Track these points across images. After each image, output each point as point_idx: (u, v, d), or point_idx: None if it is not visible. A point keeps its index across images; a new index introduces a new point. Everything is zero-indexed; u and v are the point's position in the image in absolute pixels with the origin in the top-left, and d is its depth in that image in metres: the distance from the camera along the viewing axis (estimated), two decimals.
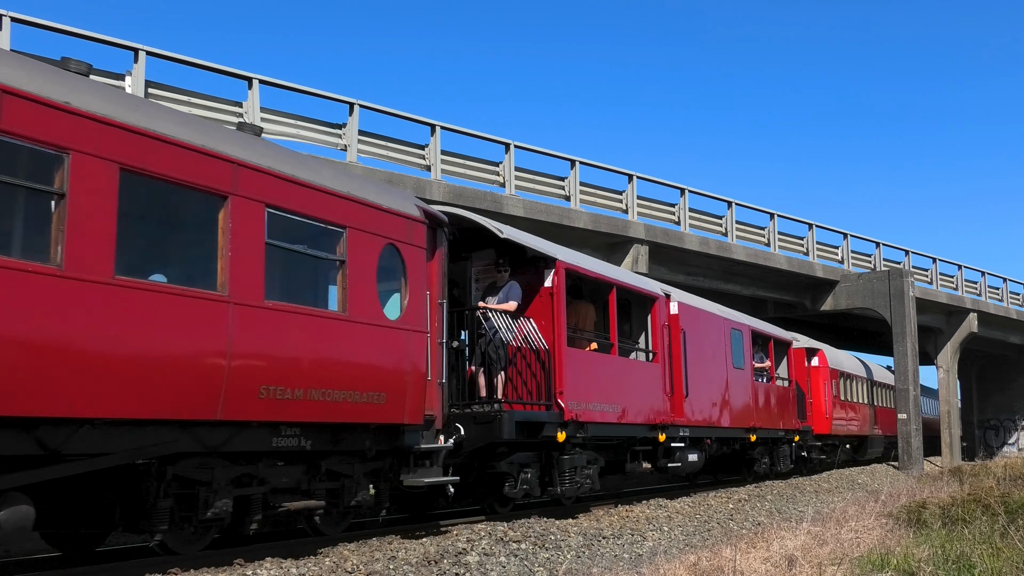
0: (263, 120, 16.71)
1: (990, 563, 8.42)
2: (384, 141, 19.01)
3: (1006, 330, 44.18)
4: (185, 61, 16.10)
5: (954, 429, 39.13)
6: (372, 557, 9.25)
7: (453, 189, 19.46)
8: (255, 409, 8.28)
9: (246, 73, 16.70)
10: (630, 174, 24.36)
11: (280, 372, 8.49)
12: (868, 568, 8.55)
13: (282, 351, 8.58)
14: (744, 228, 28.57)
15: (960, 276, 39.32)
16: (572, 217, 22.23)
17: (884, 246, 35.65)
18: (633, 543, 12.01)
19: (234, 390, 8.02)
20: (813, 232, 31.72)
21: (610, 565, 9.95)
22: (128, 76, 15.05)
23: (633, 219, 24.00)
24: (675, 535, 13.04)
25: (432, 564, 9.17)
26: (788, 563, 8.70)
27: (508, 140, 21.23)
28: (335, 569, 8.63)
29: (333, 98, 18.08)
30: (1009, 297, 43.58)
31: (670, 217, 25.79)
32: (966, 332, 38.96)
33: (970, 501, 13.42)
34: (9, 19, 13.77)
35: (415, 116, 19.58)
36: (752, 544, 10.02)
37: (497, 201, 20.35)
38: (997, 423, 51.72)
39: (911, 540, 10.51)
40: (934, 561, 8.77)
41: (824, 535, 10.43)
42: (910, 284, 32.11)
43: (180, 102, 15.54)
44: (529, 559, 10.12)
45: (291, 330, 8.68)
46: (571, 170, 22.65)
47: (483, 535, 10.92)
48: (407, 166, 19.23)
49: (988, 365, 51.08)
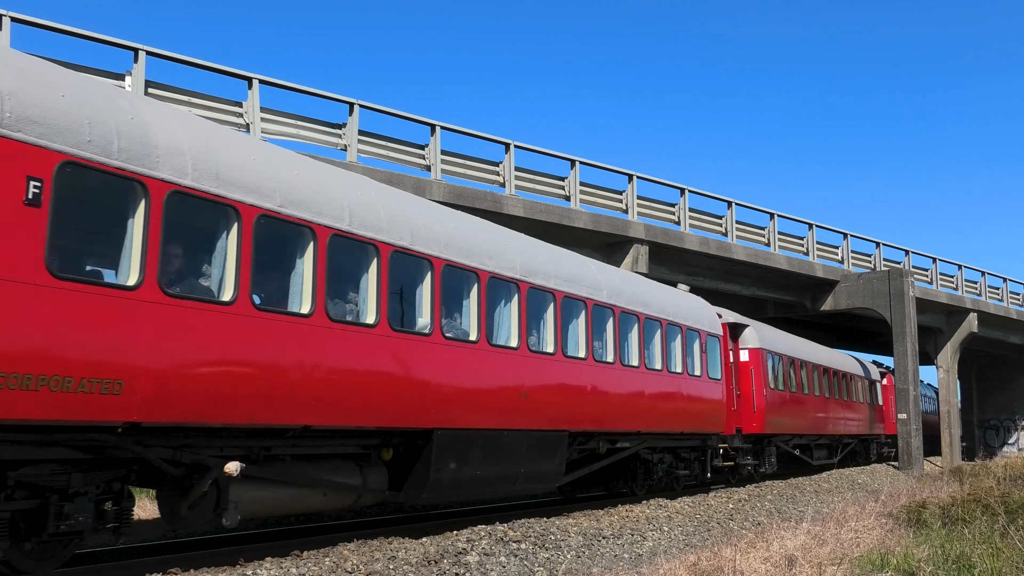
0: (263, 120, 16.72)
1: (990, 563, 8.43)
2: (384, 141, 19.02)
3: (1006, 330, 44.17)
4: (185, 61, 16.10)
5: (954, 429, 39.12)
6: (372, 557, 9.24)
7: (453, 189, 19.46)
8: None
9: (246, 73, 16.71)
10: (630, 174, 24.37)
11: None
12: (868, 568, 8.55)
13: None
14: (744, 228, 28.56)
15: (960, 276, 39.31)
16: (572, 217, 22.23)
17: (884, 246, 35.65)
18: (633, 543, 12.01)
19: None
20: (813, 232, 31.72)
21: (610, 565, 9.96)
22: (128, 76, 15.05)
23: (633, 219, 24.00)
24: (675, 535, 13.04)
25: (432, 564, 9.16)
26: (788, 563, 8.70)
27: (508, 140, 21.23)
28: (335, 569, 8.63)
29: (333, 98, 18.08)
30: (1009, 297, 43.57)
31: (670, 217, 25.79)
32: (966, 332, 38.96)
33: (970, 501, 13.42)
34: (9, 19, 13.77)
35: (415, 116, 19.60)
36: (752, 544, 10.02)
37: (497, 201, 20.35)
38: (997, 423, 51.70)
39: (911, 540, 10.50)
40: (934, 561, 8.78)
41: (824, 535, 10.43)
42: (910, 284, 32.11)
43: (180, 102, 15.55)
44: (529, 559, 10.12)
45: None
46: (571, 170, 22.66)
47: (483, 535, 10.92)
48: (407, 166, 19.24)
49: (988, 365, 51.06)
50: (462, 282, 11.61)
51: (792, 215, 30.87)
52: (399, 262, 10.34)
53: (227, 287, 8.23)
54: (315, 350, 8.99)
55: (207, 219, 8.32)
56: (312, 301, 9.04)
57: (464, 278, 11.62)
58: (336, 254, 9.42)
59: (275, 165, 9.10)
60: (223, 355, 8.08)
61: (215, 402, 7.97)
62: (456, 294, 11.54)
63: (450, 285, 11.24)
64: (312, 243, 9.15)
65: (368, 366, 9.72)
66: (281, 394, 8.60)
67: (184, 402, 7.68)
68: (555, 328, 13.33)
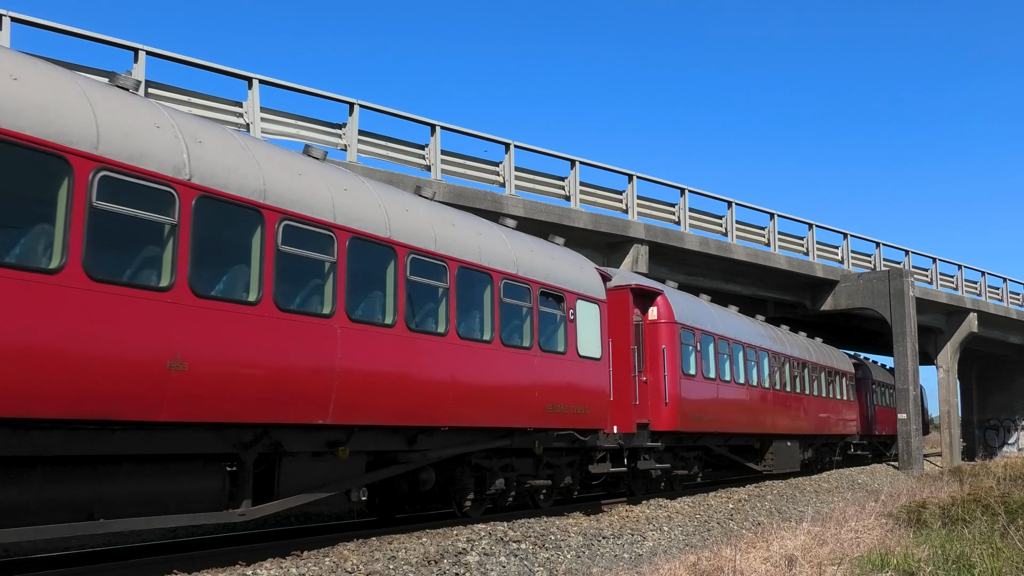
0: (263, 120, 16.71)
1: (990, 563, 8.43)
2: (384, 141, 19.01)
3: (1006, 330, 44.16)
4: (185, 61, 16.10)
5: (954, 429, 39.13)
6: (372, 557, 9.24)
7: (453, 189, 19.45)
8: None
9: (246, 73, 16.71)
10: (630, 174, 24.36)
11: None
12: (868, 568, 8.55)
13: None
14: (744, 228, 28.56)
15: (960, 276, 39.31)
16: (572, 217, 22.22)
17: (884, 246, 35.66)
18: (633, 543, 12.01)
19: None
20: (813, 232, 31.72)
21: (610, 565, 9.96)
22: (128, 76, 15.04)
23: (633, 219, 24.00)
24: (675, 535, 13.05)
25: (432, 564, 9.17)
26: (788, 563, 8.70)
27: (508, 140, 21.22)
28: (335, 569, 8.63)
29: (333, 98, 18.08)
30: (1009, 297, 43.57)
31: (670, 217, 25.78)
32: (966, 332, 38.95)
33: (970, 501, 13.42)
34: (9, 19, 13.77)
35: (415, 116, 19.60)
36: (752, 544, 10.02)
37: (497, 201, 20.34)
38: (997, 423, 51.69)
39: (911, 540, 10.50)
40: (934, 561, 8.78)
41: (824, 535, 10.43)
42: (910, 284, 32.11)
43: (180, 102, 15.54)
44: (529, 559, 10.12)
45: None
46: (571, 170, 22.65)
47: (483, 535, 10.91)
48: (407, 166, 19.24)
49: (988, 365, 51.05)
50: None
51: (792, 215, 30.91)
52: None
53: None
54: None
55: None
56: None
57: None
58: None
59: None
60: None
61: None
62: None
63: None
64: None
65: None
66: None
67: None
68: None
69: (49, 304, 6.90)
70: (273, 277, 8.83)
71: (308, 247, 9.38)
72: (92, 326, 7.16)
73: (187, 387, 7.82)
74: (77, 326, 7.05)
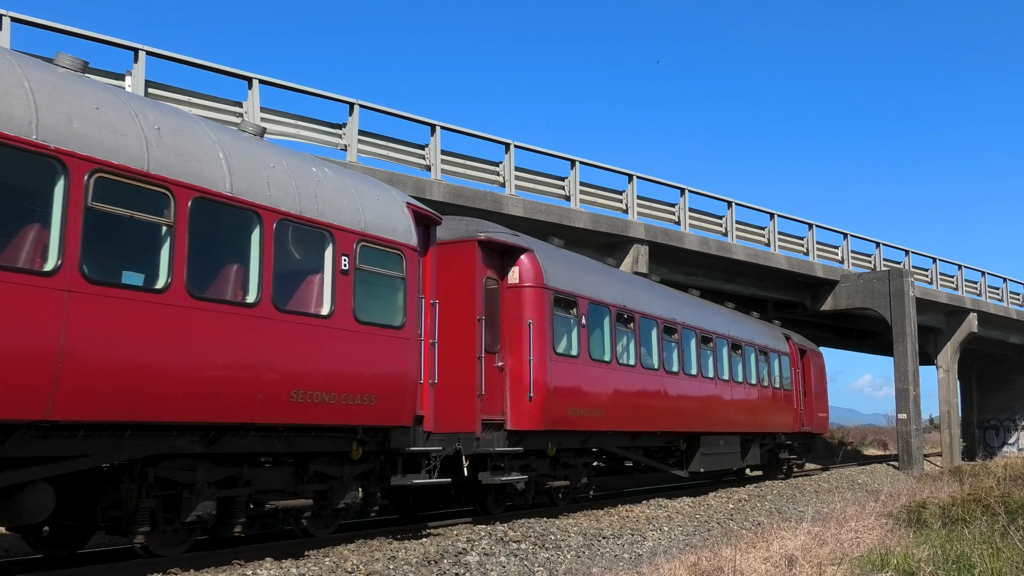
0: (263, 120, 16.70)
1: (990, 563, 8.42)
2: (384, 141, 19.01)
3: (1006, 330, 44.16)
4: (185, 61, 16.10)
5: (954, 429, 39.12)
6: (372, 557, 9.25)
7: (453, 189, 19.45)
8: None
9: (246, 73, 16.71)
10: (630, 174, 24.37)
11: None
12: (868, 568, 8.55)
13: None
14: (744, 228, 28.56)
15: (960, 276, 39.31)
16: (572, 217, 22.22)
17: (884, 246, 35.66)
18: (633, 543, 12.01)
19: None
20: (813, 232, 31.73)
21: (610, 565, 9.95)
22: (128, 76, 15.05)
23: (633, 219, 24.00)
24: (675, 535, 13.04)
25: (432, 564, 9.17)
26: (788, 563, 8.70)
27: (508, 140, 21.24)
28: (335, 569, 8.64)
29: (333, 98, 18.08)
30: (1009, 297, 43.56)
31: (670, 217, 25.79)
32: (966, 332, 38.95)
33: (970, 501, 13.42)
34: (9, 19, 13.78)
35: (415, 116, 19.61)
36: (752, 544, 10.02)
37: (497, 201, 20.34)
38: (997, 423, 51.69)
39: (911, 540, 10.50)
40: (934, 561, 8.77)
41: (824, 535, 10.43)
42: (910, 284, 32.12)
43: (180, 102, 15.53)
44: (529, 559, 10.12)
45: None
46: (571, 170, 22.65)
47: (483, 535, 10.92)
48: (407, 166, 19.23)
49: (988, 365, 51.04)
50: None
51: (792, 215, 30.95)
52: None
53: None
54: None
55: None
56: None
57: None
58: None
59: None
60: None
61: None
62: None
63: None
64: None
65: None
66: None
67: None
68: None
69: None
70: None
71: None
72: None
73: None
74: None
